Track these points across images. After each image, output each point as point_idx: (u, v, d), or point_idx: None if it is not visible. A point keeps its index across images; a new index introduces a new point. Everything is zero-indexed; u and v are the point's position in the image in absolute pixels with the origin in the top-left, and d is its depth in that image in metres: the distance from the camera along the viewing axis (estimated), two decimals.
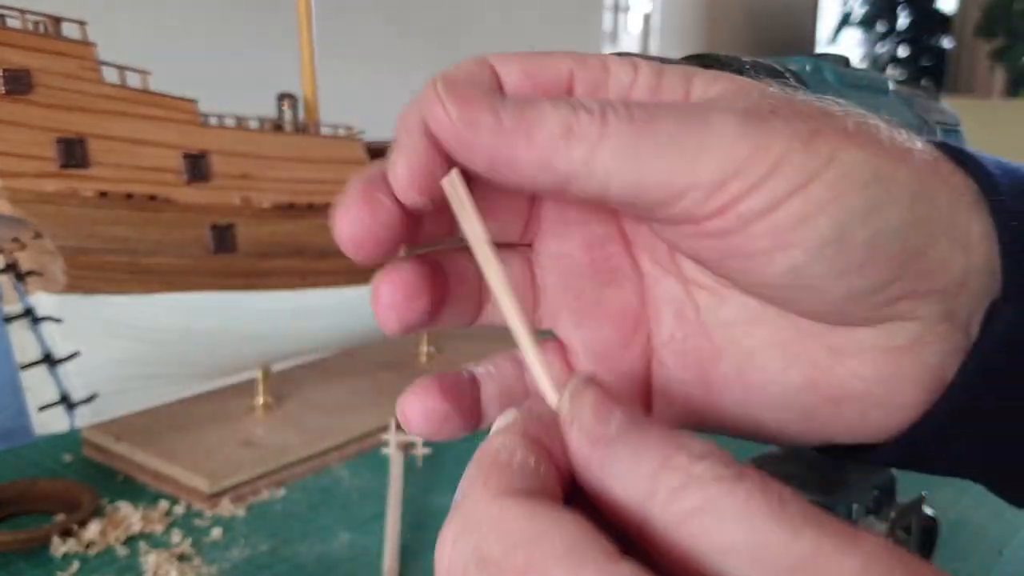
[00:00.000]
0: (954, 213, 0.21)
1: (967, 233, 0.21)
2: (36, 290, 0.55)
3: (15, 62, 0.49)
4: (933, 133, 0.42)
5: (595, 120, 0.19)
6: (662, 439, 0.16)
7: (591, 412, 0.17)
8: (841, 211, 0.19)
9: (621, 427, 0.17)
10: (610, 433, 0.17)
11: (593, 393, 0.18)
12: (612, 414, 0.17)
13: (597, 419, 0.17)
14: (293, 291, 0.61)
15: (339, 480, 0.62)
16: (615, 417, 0.17)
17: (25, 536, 0.52)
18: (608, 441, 0.17)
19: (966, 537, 0.55)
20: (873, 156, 0.20)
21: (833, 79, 0.35)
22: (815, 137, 0.20)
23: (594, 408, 0.17)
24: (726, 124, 0.19)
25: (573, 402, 0.18)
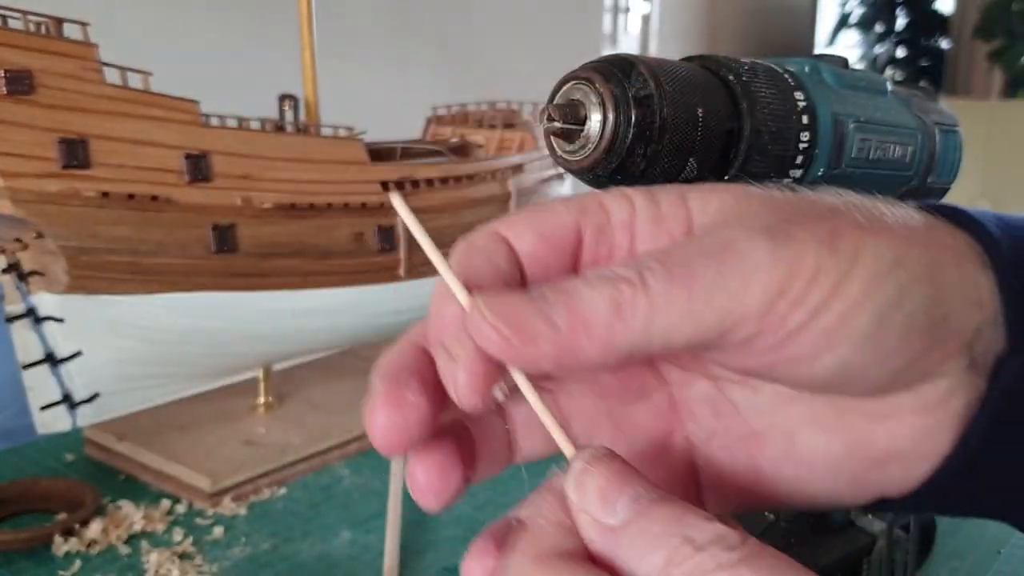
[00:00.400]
0: (964, 276, 0.22)
1: (978, 291, 0.23)
2: (38, 290, 0.55)
3: (17, 63, 0.49)
4: (931, 134, 0.42)
5: (637, 289, 0.20)
6: (669, 526, 0.17)
7: (596, 500, 0.18)
8: (876, 303, 0.21)
9: (627, 515, 0.17)
10: (617, 523, 0.17)
11: (597, 477, 0.18)
12: (617, 501, 0.18)
13: (602, 507, 0.18)
14: (294, 291, 0.61)
15: (340, 479, 0.63)
16: (620, 504, 0.18)
17: (27, 535, 0.52)
18: (614, 532, 0.17)
19: (964, 537, 0.56)
20: (890, 242, 0.21)
21: (832, 80, 0.35)
22: (836, 238, 0.21)
23: (599, 495, 0.18)
24: (757, 251, 0.20)
25: (578, 493, 0.18)
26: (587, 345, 0.19)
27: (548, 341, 0.19)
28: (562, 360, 0.20)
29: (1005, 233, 0.23)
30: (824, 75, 0.35)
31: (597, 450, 0.19)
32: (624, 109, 0.27)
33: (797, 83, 0.33)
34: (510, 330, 0.19)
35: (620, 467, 0.18)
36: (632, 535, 0.17)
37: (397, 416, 0.21)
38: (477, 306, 0.20)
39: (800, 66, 0.34)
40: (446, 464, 0.22)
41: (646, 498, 0.18)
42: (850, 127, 0.35)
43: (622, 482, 0.18)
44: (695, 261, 0.20)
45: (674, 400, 0.25)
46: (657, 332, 0.20)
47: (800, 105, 0.32)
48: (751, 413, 0.24)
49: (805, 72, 0.34)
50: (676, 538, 0.17)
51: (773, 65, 0.33)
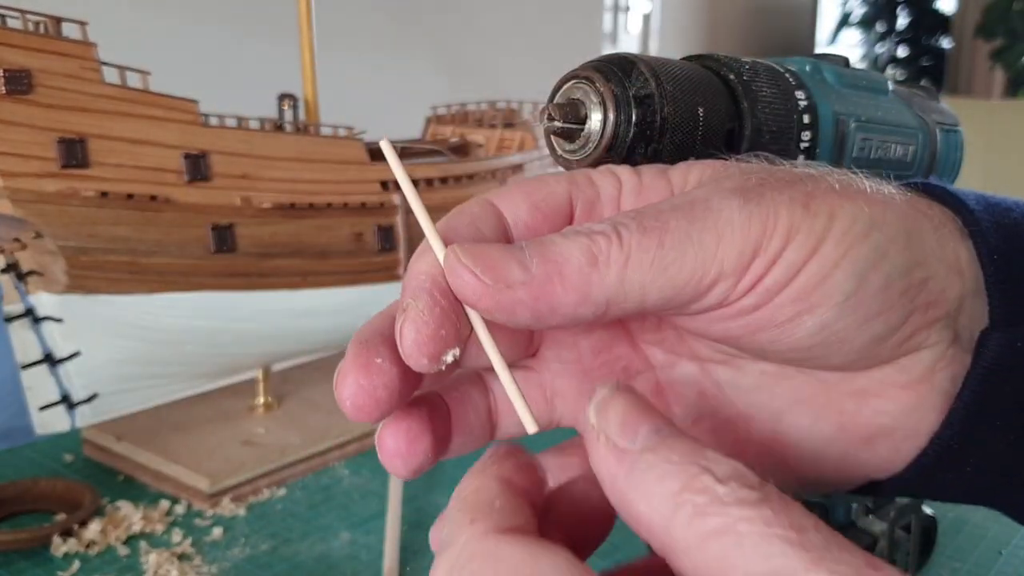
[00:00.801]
0: (942, 243, 0.22)
1: (957, 259, 0.22)
2: (37, 290, 0.55)
3: (16, 62, 0.49)
4: (933, 133, 0.42)
5: (612, 241, 0.20)
6: (688, 456, 0.17)
7: (617, 426, 0.17)
8: (854, 263, 0.20)
9: (647, 442, 0.17)
10: (636, 448, 0.17)
11: (620, 405, 0.18)
12: (639, 428, 0.17)
13: (623, 433, 0.17)
14: (293, 291, 0.61)
15: (339, 479, 0.63)
16: (642, 431, 0.17)
17: (26, 536, 0.52)
18: (634, 457, 0.17)
19: (965, 537, 0.56)
20: (865, 206, 0.21)
21: (833, 79, 0.35)
22: (811, 200, 0.21)
23: (621, 421, 0.18)
24: (731, 208, 0.20)
25: (599, 416, 0.18)
26: (562, 293, 0.20)
27: (524, 287, 0.19)
28: (538, 308, 0.20)
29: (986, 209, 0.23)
30: (825, 74, 0.35)
31: (620, 383, 0.18)
32: (625, 108, 0.27)
33: (798, 82, 0.33)
34: (486, 273, 0.19)
35: (645, 402, 0.18)
36: (650, 460, 0.17)
37: (365, 381, 0.20)
38: (454, 251, 0.20)
39: (801, 65, 0.34)
40: (413, 430, 0.22)
41: (667, 431, 0.17)
42: (851, 126, 0.35)
43: (645, 414, 0.18)
44: (667, 215, 0.20)
45: (659, 383, 0.25)
46: (631, 284, 0.20)
47: (801, 104, 0.32)
48: (737, 394, 0.24)
49: (806, 71, 0.34)
50: (695, 467, 0.16)
51: (774, 64, 0.33)
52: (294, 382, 0.74)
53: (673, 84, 0.28)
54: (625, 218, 0.20)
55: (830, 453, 0.23)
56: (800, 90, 0.33)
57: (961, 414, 0.22)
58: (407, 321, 0.20)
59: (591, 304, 0.20)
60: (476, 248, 0.20)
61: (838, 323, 0.21)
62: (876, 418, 0.23)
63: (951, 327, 0.22)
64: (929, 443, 0.23)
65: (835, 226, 0.20)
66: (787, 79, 0.32)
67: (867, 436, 0.23)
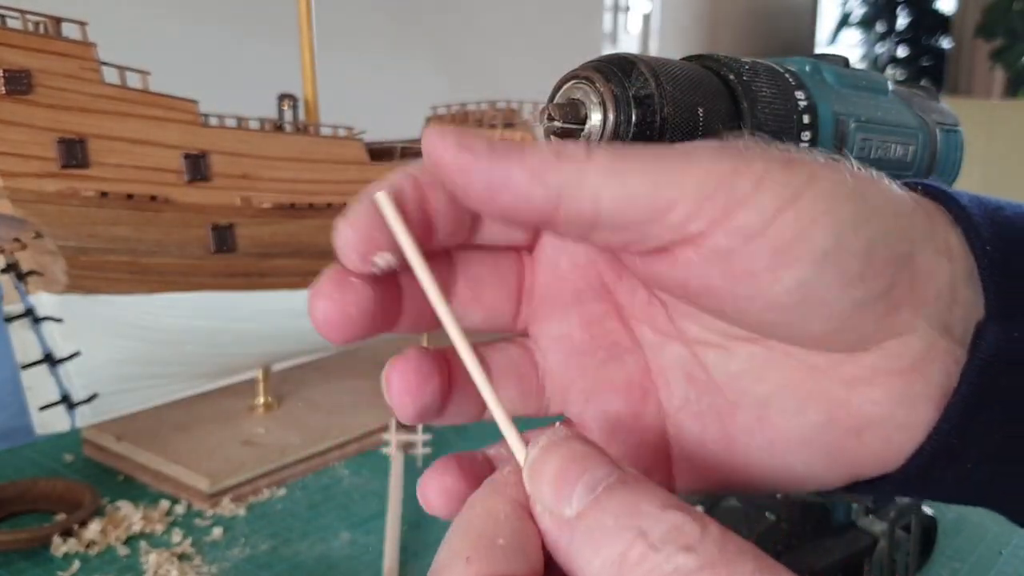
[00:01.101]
0: (933, 226, 0.22)
1: (947, 244, 0.22)
2: (37, 290, 0.55)
3: (16, 62, 0.49)
4: (933, 133, 0.42)
5: (581, 147, 0.20)
6: (623, 518, 0.16)
7: (551, 491, 0.17)
8: (835, 222, 0.20)
9: (580, 505, 0.17)
10: (572, 514, 0.17)
11: (552, 464, 0.17)
12: (573, 489, 0.17)
13: (558, 500, 0.17)
14: (293, 291, 0.61)
15: (339, 479, 0.63)
16: (576, 492, 0.17)
17: (26, 536, 0.52)
18: (572, 524, 0.17)
19: (965, 537, 0.56)
20: (849, 177, 0.21)
21: (832, 79, 0.35)
22: (791, 162, 0.20)
23: (553, 485, 0.17)
24: (705, 150, 0.20)
25: (533, 479, 0.18)
26: (518, 170, 0.20)
27: (485, 157, 0.20)
28: (491, 183, 0.20)
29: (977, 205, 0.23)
30: (825, 74, 0.35)
31: (555, 432, 0.18)
32: (624, 108, 0.27)
33: (798, 82, 0.33)
34: (455, 137, 0.20)
35: (578, 448, 0.17)
36: (586, 528, 0.16)
37: (338, 296, 0.21)
38: (434, 126, 0.21)
39: (801, 65, 0.34)
40: (423, 369, 0.22)
41: (604, 483, 0.17)
42: (851, 126, 0.35)
43: (580, 467, 0.17)
44: (640, 150, 0.20)
45: (648, 366, 0.25)
46: (587, 184, 0.20)
47: (801, 104, 0.32)
48: (725, 379, 0.24)
49: (806, 71, 0.34)
50: (630, 532, 0.16)
51: (774, 64, 0.33)
52: (294, 382, 0.74)
53: (673, 84, 0.28)
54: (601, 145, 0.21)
55: (818, 444, 0.23)
56: (800, 90, 0.33)
57: (959, 408, 0.22)
58: (344, 220, 0.20)
59: (542, 186, 0.20)
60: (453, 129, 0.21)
61: (817, 281, 0.20)
62: (866, 407, 0.22)
63: (941, 315, 0.22)
64: (927, 438, 0.22)
65: (816, 185, 0.20)
66: (787, 79, 0.32)
67: (857, 427, 0.22)
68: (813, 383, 0.23)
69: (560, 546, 0.17)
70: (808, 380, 0.23)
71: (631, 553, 0.16)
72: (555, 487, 0.17)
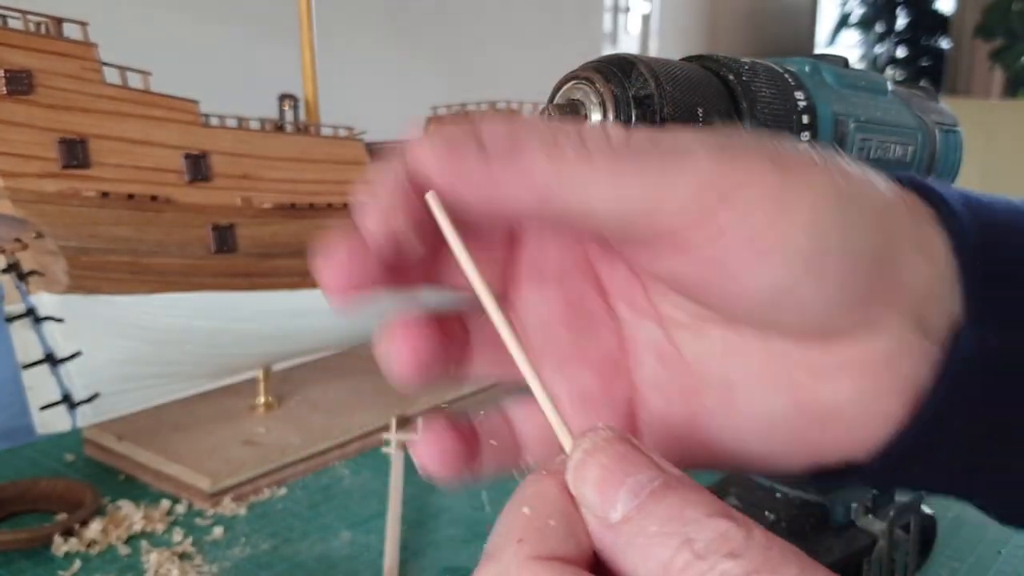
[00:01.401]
0: (917, 225, 0.22)
1: (931, 244, 0.22)
2: (38, 290, 0.55)
3: (17, 63, 0.49)
4: (932, 133, 0.42)
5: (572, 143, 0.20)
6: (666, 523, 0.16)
7: (595, 494, 0.17)
8: (816, 223, 0.20)
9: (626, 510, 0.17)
10: (617, 519, 0.17)
11: (596, 468, 0.17)
12: (617, 493, 0.17)
13: (603, 505, 0.17)
14: (294, 291, 0.61)
15: (340, 479, 0.63)
16: (620, 497, 0.17)
17: (27, 535, 0.52)
18: (617, 529, 0.17)
19: (964, 536, 0.56)
20: (840, 179, 0.21)
21: (832, 80, 0.36)
22: (782, 159, 0.21)
23: (598, 490, 0.17)
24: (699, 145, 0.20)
25: (577, 483, 0.17)
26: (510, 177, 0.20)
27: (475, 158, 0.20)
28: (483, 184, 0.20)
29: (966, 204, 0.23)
30: (825, 75, 0.35)
31: (598, 434, 0.18)
32: (624, 109, 0.28)
33: (798, 83, 0.33)
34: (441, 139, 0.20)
35: (622, 451, 0.17)
36: (630, 533, 0.17)
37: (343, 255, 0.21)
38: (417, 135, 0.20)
39: (801, 66, 0.34)
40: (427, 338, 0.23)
41: (648, 487, 0.17)
42: (851, 127, 0.35)
43: (623, 470, 0.17)
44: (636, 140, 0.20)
45: (624, 342, 0.25)
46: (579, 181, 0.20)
47: (800, 105, 0.33)
48: (696, 360, 0.24)
49: (806, 72, 0.34)
50: (675, 539, 0.16)
51: (774, 65, 0.33)
52: (294, 382, 0.74)
53: (673, 85, 0.28)
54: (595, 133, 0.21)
55: (781, 431, 0.23)
56: (799, 91, 0.33)
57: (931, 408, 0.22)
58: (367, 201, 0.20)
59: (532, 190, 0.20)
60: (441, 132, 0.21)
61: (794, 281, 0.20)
62: (831, 398, 0.22)
63: (915, 312, 0.22)
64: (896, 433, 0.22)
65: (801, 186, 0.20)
66: (786, 80, 0.33)
67: (821, 416, 0.23)
68: (782, 370, 0.23)
69: (606, 547, 0.17)
70: (777, 367, 0.23)
71: (676, 560, 0.16)
72: (599, 491, 0.17)
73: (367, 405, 0.70)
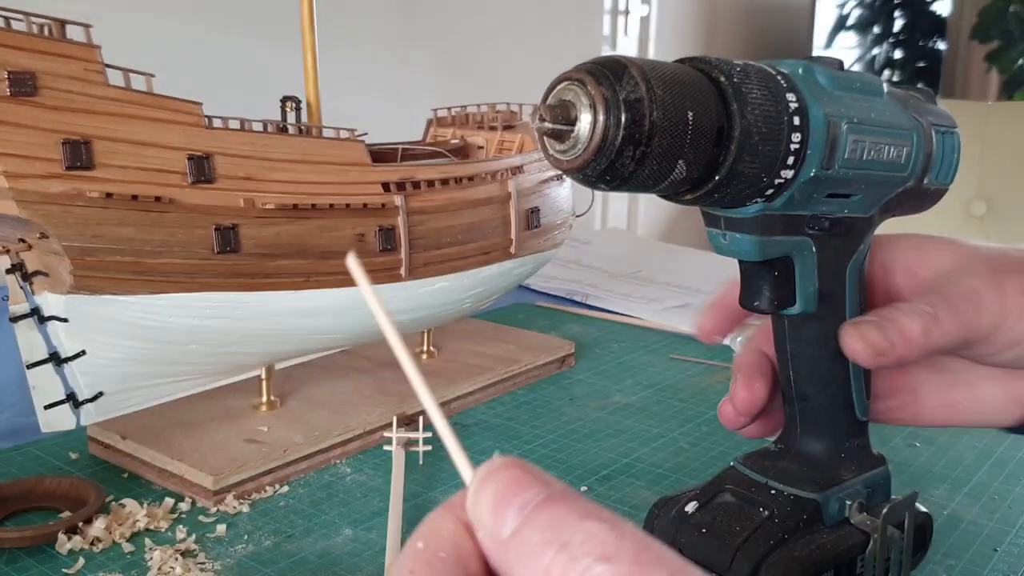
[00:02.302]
0: None
1: None
2: (42, 290, 0.56)
3: (20, 64, 0.50)
4: (928, 135, 0.43)
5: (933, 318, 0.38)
6: (546, 530, 0.17)
7: (489, 514, 0.18)
8: None
9: (514, 525, 0.18)
10: (505, 535, 0.18)
11: (490, 492, 0.18)
12: (507, 512, 0.18)
13: (495, 523, 0.18)
14: (296, 291, 0.61)
15: (342, 476, 0.63)
16: (509, 515, 0.18)
17: (31, 533, 0.53)
18: (507, 544, 0.18)
19: (960, 535, 0.56)
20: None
21: (826, 82, 0.36)
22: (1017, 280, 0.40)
23: (491, 508, 0.18)
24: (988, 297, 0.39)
25: (474, 507, 0.19)
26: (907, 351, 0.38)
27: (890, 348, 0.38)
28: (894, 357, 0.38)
29: None
30: (818, 77, 0.36)
31: (492, 462, 0.19)
32: (614, 112, 0.28)
33: (790, 84, 0.33)
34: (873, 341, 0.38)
35: (515, 474, 0.18)
36: (518, 547, 0.18)
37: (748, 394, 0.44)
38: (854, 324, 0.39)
39: (794, 68, 0.35)
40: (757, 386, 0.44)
41: (533, 502, 0.18)
42: (843, 128, 0.36)
43: (514, 490, 0.18)
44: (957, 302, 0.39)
45: None
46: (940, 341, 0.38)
47: (792, 106, 0.33)
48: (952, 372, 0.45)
49: (799, 74, 0.35)
50: (553, 545, 0.17)
51: (766, 67, 0.33)
52: (297, 380, 0.74)
53: (663, 88, 0.28)
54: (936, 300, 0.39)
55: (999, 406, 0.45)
56: (791, 92, 0.33)
57: None
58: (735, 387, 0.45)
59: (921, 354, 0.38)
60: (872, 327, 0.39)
61: None
62: None
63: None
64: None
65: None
66: (778, 81, 0.33)
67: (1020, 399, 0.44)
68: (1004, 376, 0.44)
69: (500, 566, 0.18)
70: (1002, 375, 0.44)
71: (553, 565, 0.17)
72: (492, 512, 0.18)
73: (369, 404, 0.70)
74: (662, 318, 1.03)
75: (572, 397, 0.80)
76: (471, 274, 0.72)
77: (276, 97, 0.67)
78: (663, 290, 1.16)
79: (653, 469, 0.65)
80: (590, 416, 0.75)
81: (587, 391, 0.81)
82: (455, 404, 0.75)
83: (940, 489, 0.62)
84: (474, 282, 0.73)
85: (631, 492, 0.62)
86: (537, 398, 0.79)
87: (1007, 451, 0.69)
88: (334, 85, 0.75)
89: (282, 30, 1.01)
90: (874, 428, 0.45)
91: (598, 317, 1.05)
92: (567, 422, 0.74)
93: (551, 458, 0.67)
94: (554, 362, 0.86)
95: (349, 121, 0.65)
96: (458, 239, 0.70)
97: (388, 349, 0.76)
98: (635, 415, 0.76)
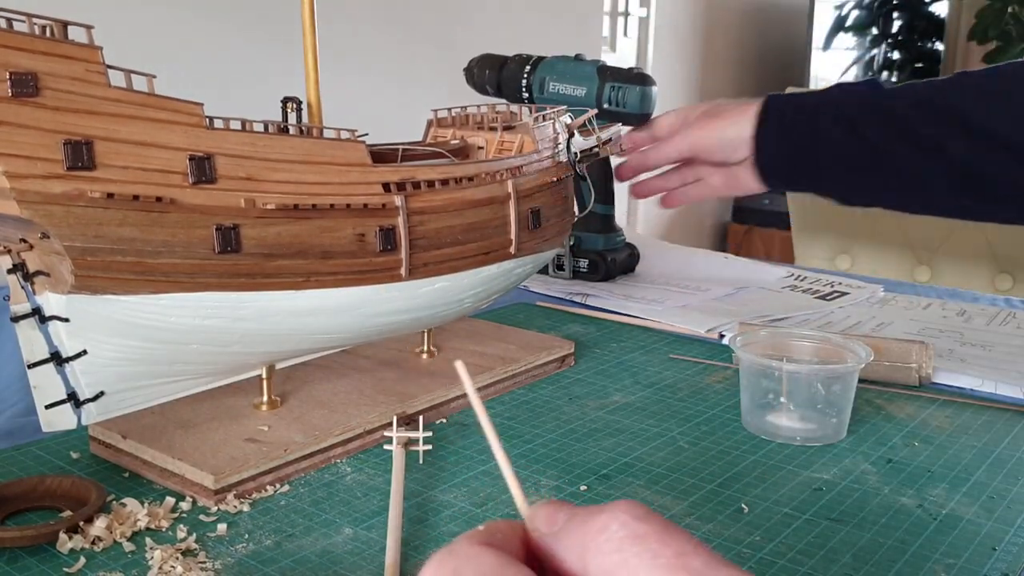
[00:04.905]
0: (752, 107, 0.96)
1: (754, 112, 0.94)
2: (43, 290, 0.56)
3: (22, 65, 0.50)
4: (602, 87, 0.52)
5: None
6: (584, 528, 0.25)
7: (543, 519, 0.27)
8: None
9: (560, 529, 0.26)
10: (555, 530, 0.26)
11: (544, 510, 0.27)
12: (556, 521, 0.26)
13: (547, 523, 0.26)
14: (297, 291, 0.61)
15: (342, 476, 0.63)
16: (557, 522, 0.26)
17: (32, 532, 0.53)
18: (554, 535, 0.26)
19: (959, 534, 0.56)
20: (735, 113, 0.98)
21: (554, 61, 0.36)
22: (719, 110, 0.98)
23: (545, 518, 0.27)
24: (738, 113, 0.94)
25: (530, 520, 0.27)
26: None
27: None
28: None
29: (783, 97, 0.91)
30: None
31: (543, 502, 0.27)
32: None
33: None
34: None
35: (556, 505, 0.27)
36: (566, 533, 0.26)
37: None
38: None
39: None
40: None
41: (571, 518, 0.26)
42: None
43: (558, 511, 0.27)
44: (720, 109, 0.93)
45: None
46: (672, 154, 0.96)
47: None
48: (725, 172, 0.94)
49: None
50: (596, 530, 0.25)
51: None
52: (297, 380, 0.75)
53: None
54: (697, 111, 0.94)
55: None
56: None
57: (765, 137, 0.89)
58: None
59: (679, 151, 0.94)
60: None
61: None
62: None
63: None
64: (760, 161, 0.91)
65: None
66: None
67: None
68: None
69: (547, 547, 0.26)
70: None
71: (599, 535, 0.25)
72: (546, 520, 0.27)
73: (369, 403, 0.70)
74: (661, 318, 1.03)
75: (572, 397, 0.80)
76: (471, 274, 0.72)
77: (277, 98, 0.68)
78: (663, 290, 1.17)
79: (652, 468, 0.65)
80: (589, 416, 0.75)
81: (587, 391, 0.82)
82: (455, 404, 0.75)
83: (939, 488, 0.63)
84: (474, 282, 0.73)
85: (630, 491, 0.62)
86: (537, 398, 0.80)
87: (1006, 450, 0.69)
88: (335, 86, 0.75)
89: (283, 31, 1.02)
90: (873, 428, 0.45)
91: (598, 317, 1.05)
92: (567, 421, 0.74)
93: (550, 457, 0.67)
94: (554, 362, 0.86)
95: (350, 122, 0.65)
96: (458, 239, 0.70)
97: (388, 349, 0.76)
98: (634, 414, 0.76)
